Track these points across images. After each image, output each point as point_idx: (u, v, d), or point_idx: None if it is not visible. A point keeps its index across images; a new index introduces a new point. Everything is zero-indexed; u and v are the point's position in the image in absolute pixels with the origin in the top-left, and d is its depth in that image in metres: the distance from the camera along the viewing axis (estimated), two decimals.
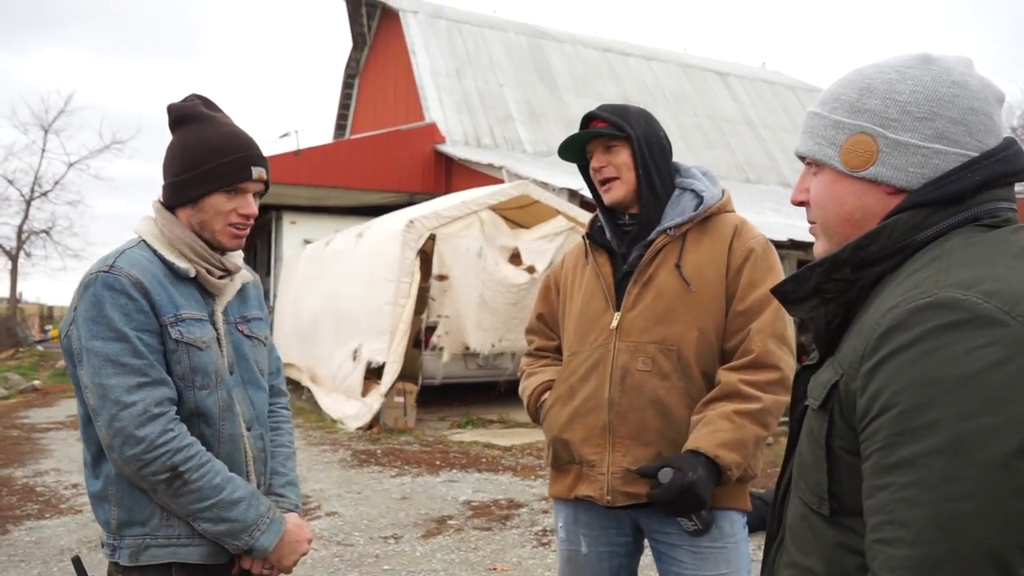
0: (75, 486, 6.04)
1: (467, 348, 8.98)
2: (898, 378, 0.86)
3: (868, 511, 0.88)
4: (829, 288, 1.04)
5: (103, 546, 1.68)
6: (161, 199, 1.75)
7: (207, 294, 1.75)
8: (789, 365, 1.87)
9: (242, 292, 1.86)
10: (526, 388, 2.19)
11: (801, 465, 1.05)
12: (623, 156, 1.98)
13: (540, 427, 2.14)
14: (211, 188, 1.69)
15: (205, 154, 1.69)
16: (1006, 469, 0.79)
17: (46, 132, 24.68)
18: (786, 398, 1.84)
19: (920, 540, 0.81)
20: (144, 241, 1.70)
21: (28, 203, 24.69)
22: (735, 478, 1.82)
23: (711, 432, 1.80)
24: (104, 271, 1.60)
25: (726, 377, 1.87)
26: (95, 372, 1.56)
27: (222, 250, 1.77)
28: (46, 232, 25.15)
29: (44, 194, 25.00)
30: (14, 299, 24.27)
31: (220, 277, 1.76)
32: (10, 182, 24.83)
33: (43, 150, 24.92)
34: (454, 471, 6.49)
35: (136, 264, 1.63)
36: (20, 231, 24.58)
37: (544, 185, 9.84)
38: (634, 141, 1.96)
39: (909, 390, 0.84)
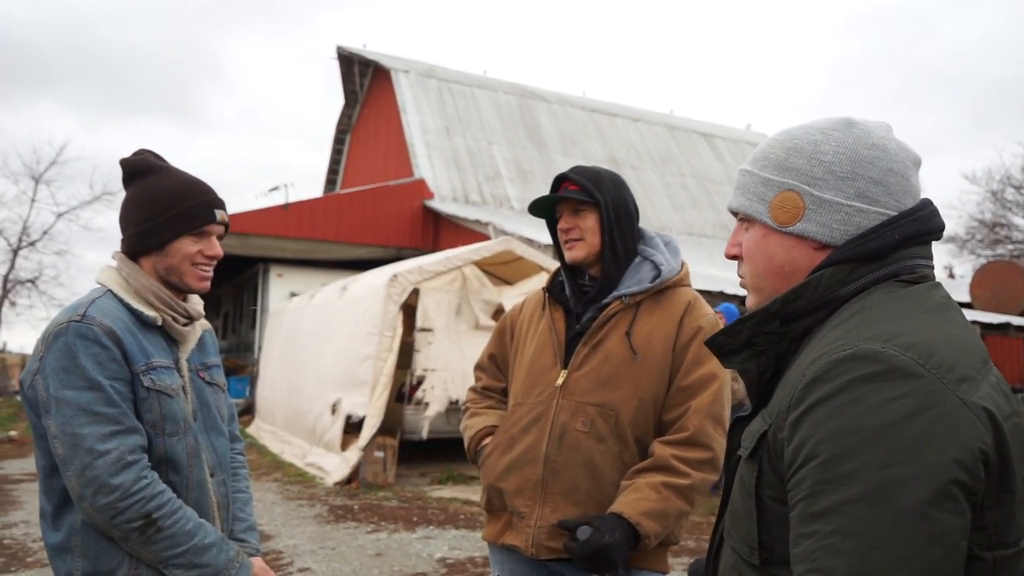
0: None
1: (452, 402, 8.95)
2: (820, 428, 0.89)
3: (794, 559, 0.90)
4: (760, 341, 1.07)
5: None
6: (124, 250, 1.78)
7: (171, 342, 1.77)
8: (721, 446, 1.93)
9: (200, 340, 1.89)
10: (468, 428, 2.22)
11: (733, 514, 1.07)
12: (590, 221, 2.04)
13: (477, 469, 2.17)
14: (177, 232, 1.73)
15: (169, 200, 1.73)
16: (923, 517, 0.82)
17: (36, 182, 24.76)
18: (714, 477, 1.91)
19: None
20: (110, 291, 1.72)
21: (15, 252, 24.64)
22: (652, 546, 1.87)
23: (637, 499, 1.85)
24: (76, 320, 1.62)
25: (660, 450, 1.91)
26: (66, 422, 1.56)
27: (187, 293, 1.81)
28: (32, 282, 25.05)
29: (32, 244, 24.97)
30: None
31: (184, 324, 1.79)
32: None
33: (33, 200, 24.97)
34: (431, 527, 6.40)
35: (107, 313, 1.65)
36: (5, 280, 24.47)
37: (529, 242, 9.95)
38: (602, 207, 2.02)
39: (831, 440, 0.87)
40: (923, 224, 1.05)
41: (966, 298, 14.25)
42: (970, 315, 11.17)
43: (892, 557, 0.82)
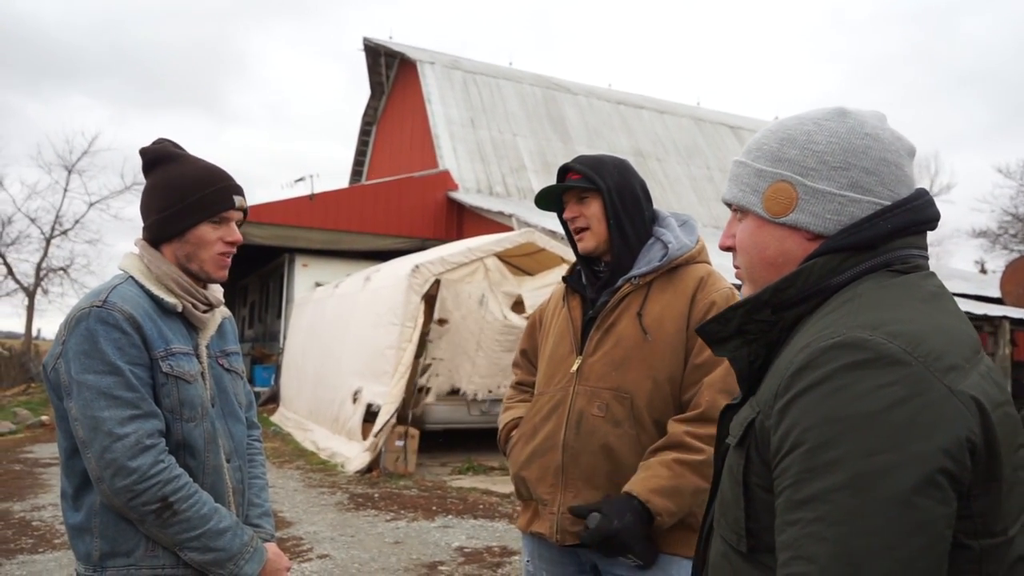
0: None
1: (457, 391, 9.03)
2: (807, 416, 0.89)
3: (779, 547, 0.90)
4: (751, 329, 1.08)
5: None
6: (145, 237, 1.81)
7: (191, 328, 1.80)
8: None
9: (220, 327, 1.91)
10: (500, 422, 2.27)
11: (722, 503, 1.08)
12: (594, 208, 2.05)
13: (497, 459, 2.21)
14: (197, 219, 1.76)
15: (189, 188, 1.76)
16: (907, 505, 0.82)
17: (69, 172, 25.16)
18: None
19: (826, 575, 0.83)
20: (132, 277, 1.74)
21: (48, 241, 25.09)
22: (667, 524, 1.85)
23: (648, 477, 1.85)
24: (97, 306, 1.64)
25: (673, 428, 1.91)
26: (87, 405, 1.59)
27: (208, 281, 1.83)
28: (64, 270, 25.48)
29: (64, 232, 25.38)
30: (28, 335, 24.48)
31: (204, 311, 1.82)
32: (32, 220, 25.27)
33: (65, 190, 25.38)
34: (450, 517, 6.45)
35: (128, 299, 1.67)
36: (39, 268, 24.93)
37: (552, 233, 9.94)
38: (605, 193, 2.03)
39: (817, 427, 0.88)
40: (917, 214, 1.04)
41: (996, 293, 14.02)
42: (1000, 310, 10.99)
43: (876, 545, 0.82)
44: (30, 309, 24.57)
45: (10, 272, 24.81)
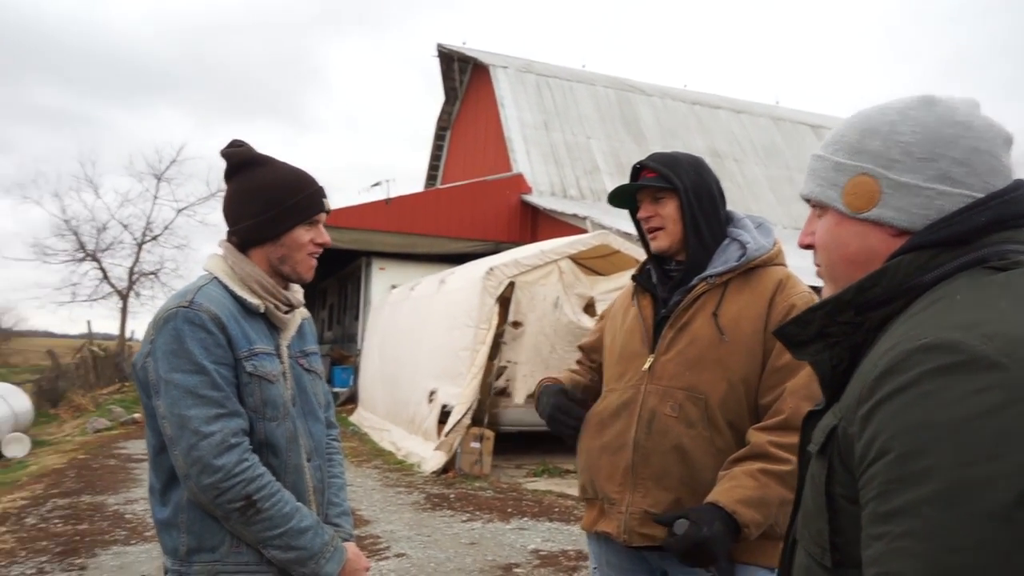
0: None
1: (532, 394, 9.00)
2: (893, 422, 0.83)
3: (865, 562, 0.84)
4: (833, 331, 1.01)
5: (167, 572, 1.73)
6: (232, 240, 1.84)
7: (273, 329, 1.83)
8: None
9: (299, 327, 1.94)
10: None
11: (805, 514, 1.03)
12: (670, 208, 2.01)
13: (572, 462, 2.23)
14: (293, 223, 1.80)
15: (283, 192, 1.80)
16: (1005, 521, 0.75)
17: (158, 180, 26.29)
18: None
19: None
20: (216, 278, 1.78)
21: (140, 246, 26.28)
22: (753, 536, 1.79)
23: (733, 487, 1.79)
24: (184, 306, 1.68)
25: (755, 438, 1.85)
26: (174, 403, 1.63)
27: (298, 282, 1.88)
28: (154, 274, 26.63)
29: (154, 238, 26.54)
30: (123, 336, 25.64)
31: (285, 312, 1.85)
32: (125, 227, 26.52)
33: (155, 197, 26.53)
34: (525, 519, 6.45)
35: (213, 300, 1.71)
36: (131, 272, 26.13)
37: (626, 235, 9.84)
38: (681, 192, 1.99)
39: (904, 435, 0.81)
40: (1015, 206, 0.97)
41: None
42: None
43: (970, 563, 0.75)
44: (123, 311, 25.76)
45: (105, 276, 26.10)
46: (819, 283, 1.13)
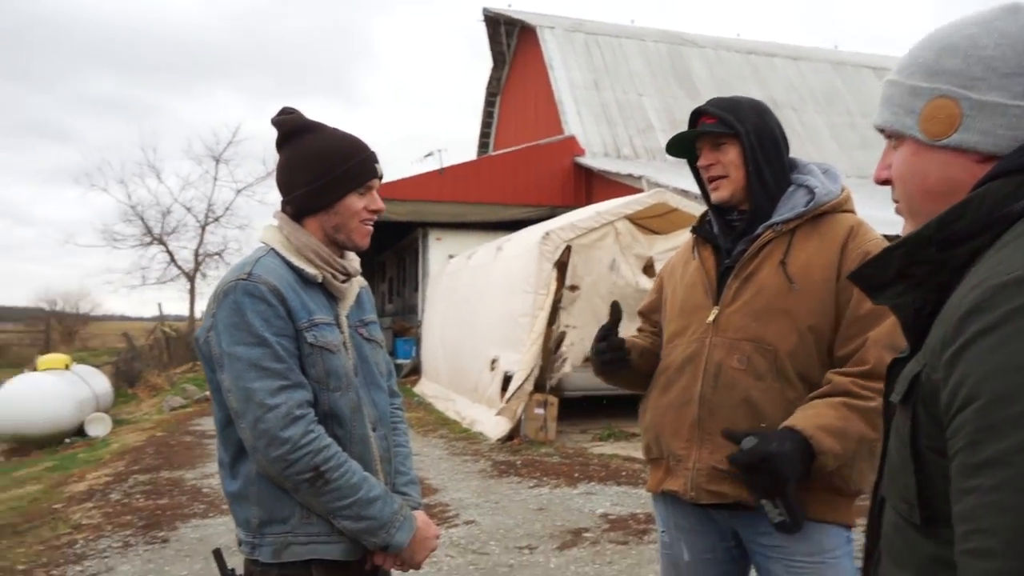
0: None
1: (588, 359, 8.93)
2: (981, 365, 0.75)
3: (956, 518, 0.77)
4: (914, 271, 0.92)
5: (240, 544, 1.74)
6: (286, 210, 1.81)
7: (332, 299, 1.80)
8: None
9: (357, 297, 1.91)
10: None
11: (891, 470, 0.94)
12: (732, 154, 1.90)
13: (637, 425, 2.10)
14: (346, 190, 1.76)
15: (335, 159, 1.76)
16: None
17: (217, 162, 26.84)
18: None
19: (1010, 551, 0.70)
20: (273, 250, 1.76)
21: (203, 228, 26.95)
22: (830, 467, 1.69)
23: (813, 415, 1.70)
24: (243, 279, 1.66)
25: (837, 379, 1.75)
26: (238, 376, 1.62)
27: (354, 250, 1.84)
28: (219, 254, 27.31)
29: (216, 219, 27.18)
30: (192, 317, 26.42)
31: (342, 281, 1.82)
32: (188, 209, 27.19)
33: (215, 179, 27.11)
34: (592, 484, 6.42)
35: (271, 271, 1.69)
36: (197, 254, 26.84)
37: (684, 193, 9.62)
38: (743, 137, 1.88)
39: (993, 379, 0.74)
40: None
41: None
42: None
43: None
44: (191, 292, 26.54)
45: (172, 259, 26.86)
46: (893, 232, 1.03)
